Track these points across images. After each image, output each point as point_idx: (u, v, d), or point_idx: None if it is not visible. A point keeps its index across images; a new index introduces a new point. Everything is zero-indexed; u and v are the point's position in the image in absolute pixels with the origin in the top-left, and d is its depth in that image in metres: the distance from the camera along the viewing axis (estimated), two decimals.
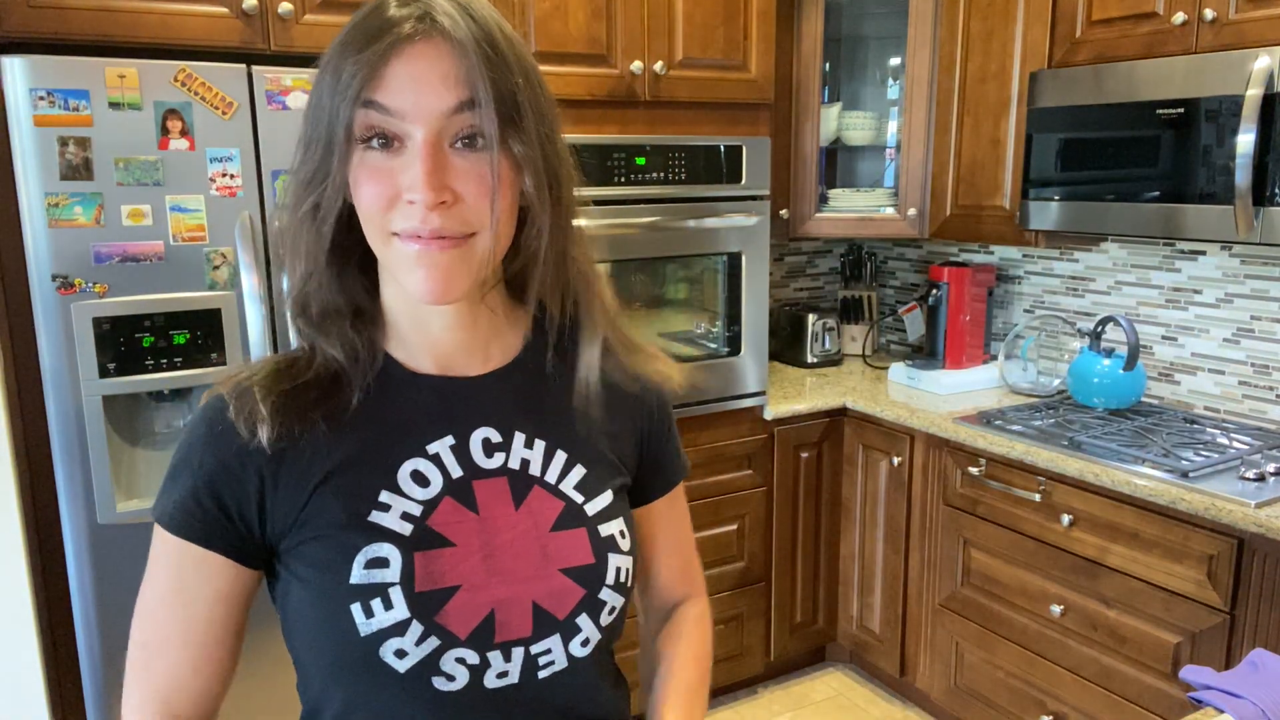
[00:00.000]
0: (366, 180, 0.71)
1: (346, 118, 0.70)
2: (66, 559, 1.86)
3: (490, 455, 0.81)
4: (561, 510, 0.82)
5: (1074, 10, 2.39)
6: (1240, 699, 1.16)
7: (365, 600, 0.73)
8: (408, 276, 0.73)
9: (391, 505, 0.77)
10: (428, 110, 0.69)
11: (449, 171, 0.71)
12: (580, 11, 2.29)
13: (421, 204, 0.70)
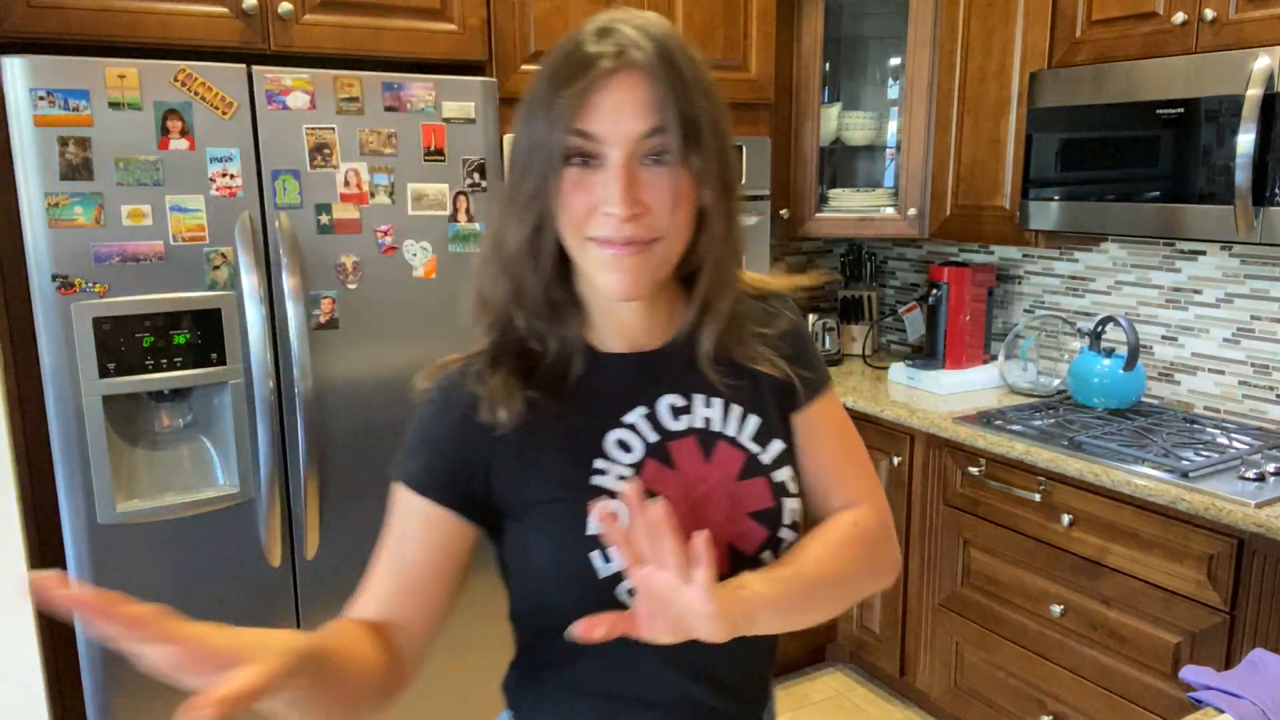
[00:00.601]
0: (570, 193, 0.83)
1: (560, 144, 0.81)
2: (66, 559, 1.86)
3: (677, 418, 0.93)
4: (744, 461, 0.93)
5: (1074, 10, 2.39)
6: (1240, 699, 1.16)
7: (603, 549, 0.85)
8: (601, 276, 0.85)
9: (607, 470, 0.89)
10: (624, 134, 0.80)
11: (640, 186, 0.81)
12: (580, 11, 2.29)
13: (617, 217, 0.81)
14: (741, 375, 0.95)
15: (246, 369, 1.92)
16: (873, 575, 0.99)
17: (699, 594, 0.74)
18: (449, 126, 2.08)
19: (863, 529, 0.98)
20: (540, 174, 0.82)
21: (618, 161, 0.80)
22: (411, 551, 0.88)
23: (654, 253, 0.84)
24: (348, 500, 2.08)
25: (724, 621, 0.76)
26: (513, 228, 0.86)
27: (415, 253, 2.08)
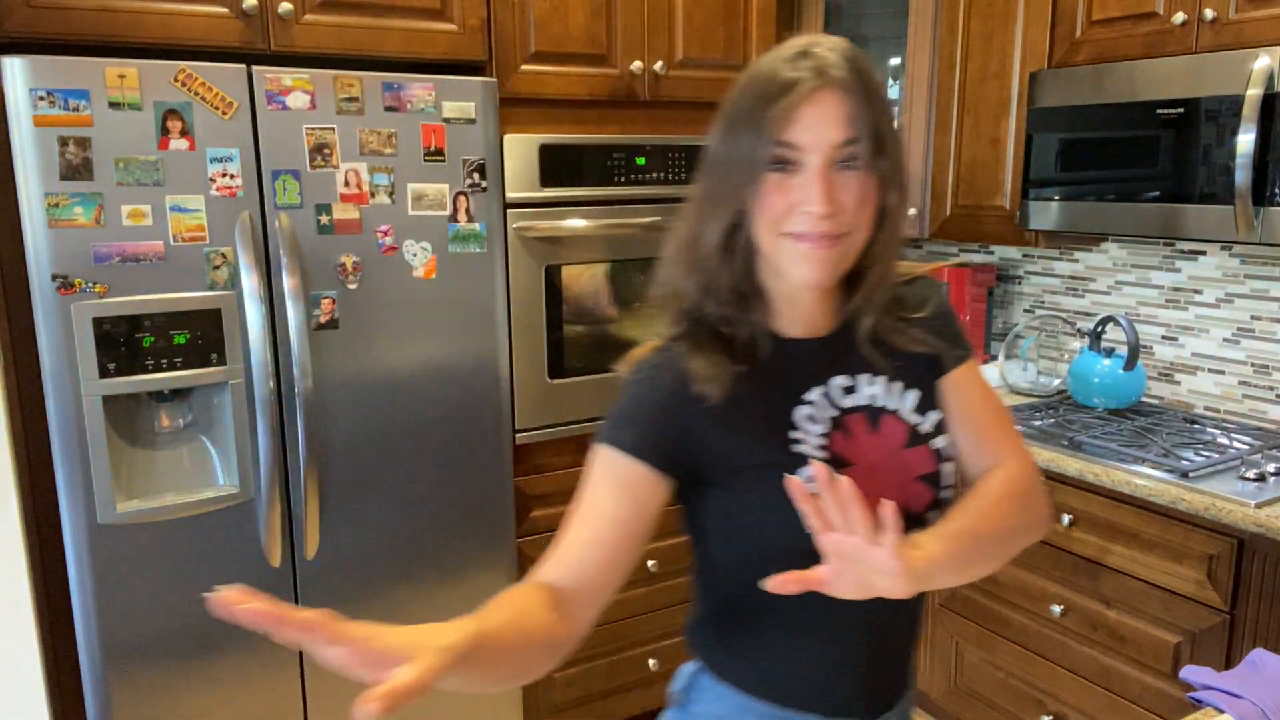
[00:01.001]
0: (770, 194, 0.94)
1: (766, 154, 0.93)
2: (66, 559, 1.86)
3: (848, 395, 1.04)
4: (907, 432, 1.05)
5: (1074, 10, 2.39)
6: (1240, 699, 1.16)
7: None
8: (795, 268, 0.96)
9: (802, 439, 1.00)
10: (824, 144, 0.92)
11: (834, 188, 0.92)
12: (580, 11, 2.29)
13: (815, 214, 0.92)
14: (899, 354, 1.07)
15: (246, 369, 1.92)
16: (1028, 527, 1.07)
17: (888, 555, 0.83)
18: (449, 126, 2.08)
19: (1015, 483, 1.07)
20: (741, 179, 0.95)
21: (817, 167, 0.92)
22: (612, 509, 0.96)
23: (842, 247, 0.95)
24: (348, 500, 2.08)
25: (908, 579, 0.84)
26: (710, 227, 0.98)
27: (415, 253, 2.08)
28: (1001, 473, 1.08)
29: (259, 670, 2.05)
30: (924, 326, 1.09)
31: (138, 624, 1.91)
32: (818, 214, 0.92)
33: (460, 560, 2.25)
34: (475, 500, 2.24)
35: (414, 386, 2.12)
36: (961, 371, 1.10)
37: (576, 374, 2.43)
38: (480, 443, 2.23)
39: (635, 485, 0.97)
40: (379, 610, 2.16)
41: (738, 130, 0.96)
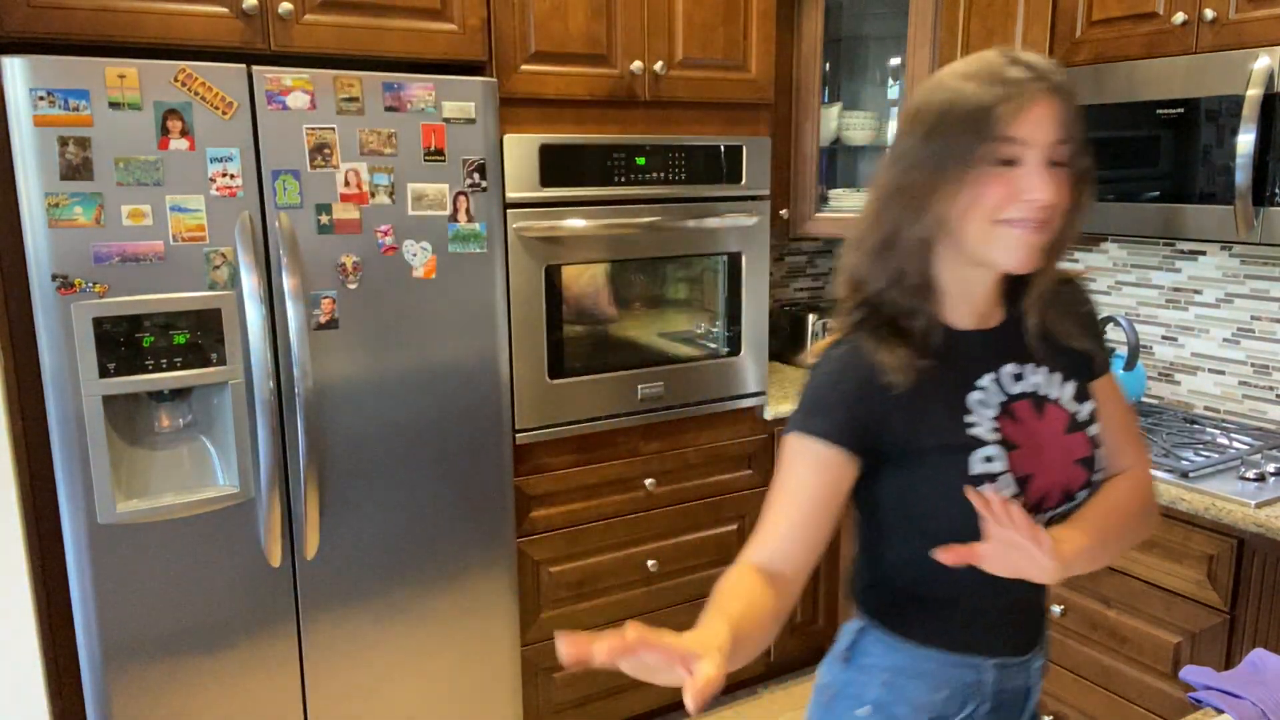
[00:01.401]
0: (990, 186, 1.02)
1: (990, 150, 1.00)
2: (66, 559, 1.86)
3: (1015, 382, 1.14)
4: (1067, 419, 1.15)
5: (1074, 10, 2.39)
6: (1240, 699, 1.16)
7: (980, 485, 1.07)
8: (1006, 253, 1.04)
9: (977, 423, 1.10)
10: (1043, 142, 1.01)
11: (1051, 181, 1.02)
12: (580, 11, 2.29)
13: (1036, 203, 1.01)
14: (1058, 348, 1.17)
15: (246, 369, 1.92)
16: (1146, 526, 1.21)
17: (1046, 550, 0.98)
18: (449, 126, 2.08)
19: (1142, 486, 1.21)
20: (957, 174, 1.02)
21: (1038, 160, 1.01)
22: (812, 493, 1.07)
23: (1047, 235, 1.04)
24: (348, 500, 2.08)
25: (1059, 569, 1.00)
26: (911, 221, 1.06)
27: (415, 253, 2.08)
28: (1131, 476, 1.22)
29: (259, 670, 2.05)
30: (1080, 325, 1.20)
31: (138, 624, 1.91)
32: (1041, 203, 1.01)
33: (460, 560, 2.25)
34: (475, 500, 2.24)
35: (414, 386, 2.12)
36: (1107, 377, 1.23)
37: (576, 374, 2.43)
38: (480, 443, 2.23)
39: (832, 469, 1.07)
40: (379, 610, 2.16)
41: (952, 129, 1.02)
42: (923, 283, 1.10)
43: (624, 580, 2.60)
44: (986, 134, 1.00)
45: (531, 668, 2.50)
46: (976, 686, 1.17)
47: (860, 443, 1.08)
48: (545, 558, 2.47)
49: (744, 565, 1.06)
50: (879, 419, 1.08)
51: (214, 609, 1.98)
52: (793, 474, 1.09)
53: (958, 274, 1.11)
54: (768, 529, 1.09)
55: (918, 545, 1.11)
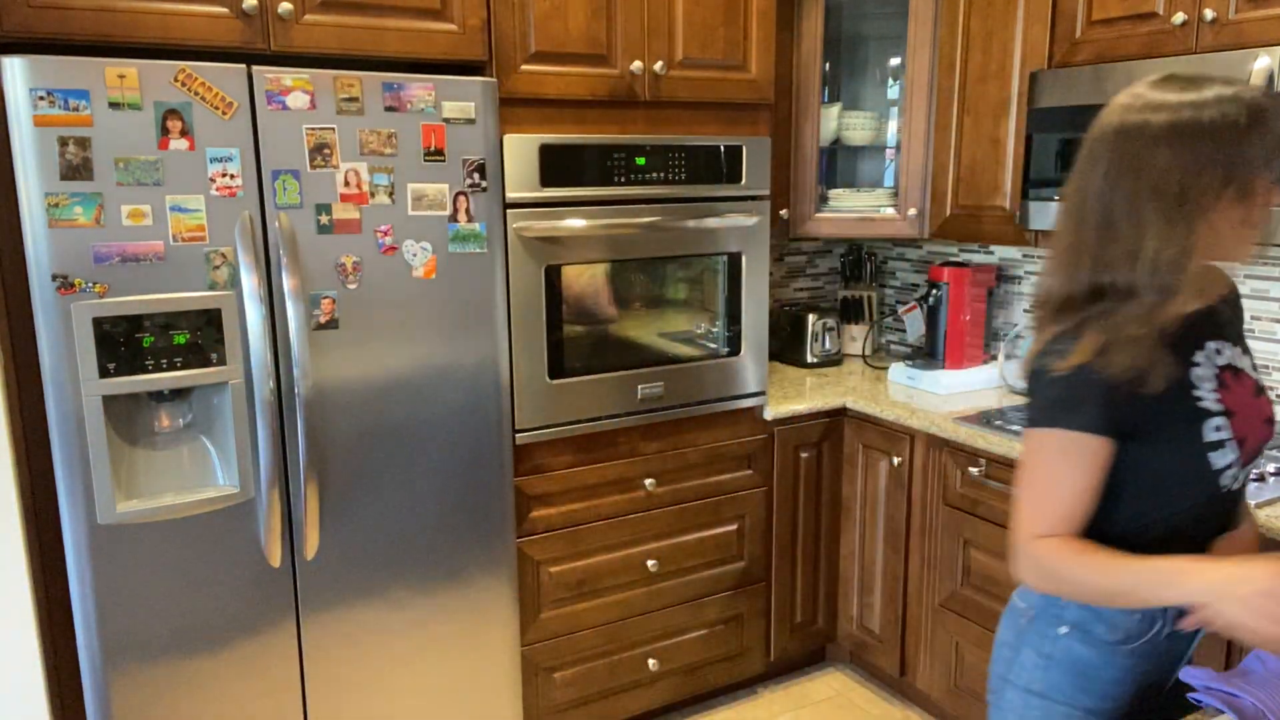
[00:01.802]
0: (1262, 195, 1.19)
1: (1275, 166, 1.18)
2: (66, 559, 1.86)
3: (1218, 355, 1.30)
4: (1254, 385, 1.34)
5: (1074, 10, 2.39)
6: (1240, 699, 1.16)
7: (1215, 450, 1.26)
8: (1245, 250, 1.24)
9: (1202, 396, 1.26)
10: None
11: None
12: (580, 11, 2.29)
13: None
14: (1236, 327, 1.37)
15: (246, 369, 1.92)
16: None
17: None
18: (449, 126, 2.08)
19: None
20: (1237, 187, 1.17)
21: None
22: (1086, 480, 1.23)
23: None
24: (348, 500, 2.08)
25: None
26: (1179, 231, 1.18)
27: (415, 253, 2.08)
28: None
29: (259, 670, 2.06)
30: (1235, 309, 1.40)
31: (138, 624, 1.91)
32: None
33: (460, 560, 2.25)
34: (475, 500, 2.25)
35: (414, 386, 2.12)
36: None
37: (576, 374, 2.43)
38: (480, 443, 2.23)
39: (1100, 456, 1.23)
40: (379, 610, 2.16)
41: (1238, 144, 1.16)
42: (1175, 279, 1.20)
43: (624, 580, 2.60)
44: (1270, 153, 1.17)
45: (531, 668, 2.50)
46: (1161, 611, 1.32)
47: (1117, 428, 1.22)
48: (545, 558, 2.47)
49: (1072, 539, 1.24)
50: (1128, 406, 1.21)
51: (214, 609, 1.98)
52: (1068, 465, 1.24)
53: (1197, 269, 1.23)
54: (1066, 512, 1.24)
55: (1148, 505, 1.28)
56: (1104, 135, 1.22)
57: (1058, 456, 1.24)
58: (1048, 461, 1.25)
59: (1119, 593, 1.22)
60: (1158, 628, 1.32)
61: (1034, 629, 1.38)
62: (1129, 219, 1.19)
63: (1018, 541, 1.28)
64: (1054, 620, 1.36)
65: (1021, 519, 1.28)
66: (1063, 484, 1.24)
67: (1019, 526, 1.28)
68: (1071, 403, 1.22)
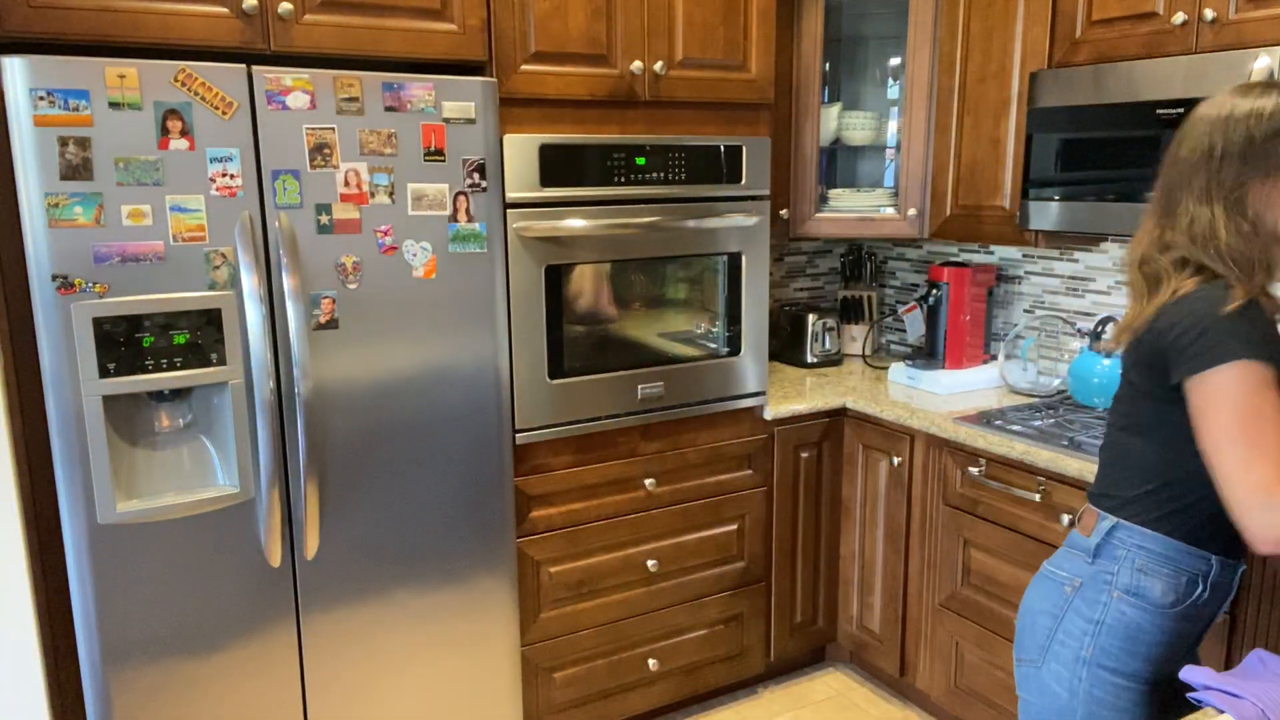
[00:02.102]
0: None
1: None
2: (66, 559, 1.86)
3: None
4: None
5: (1074, 10, 2.39)
6: (1240, 699, 1.16)
7: None
8: None
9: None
10: None
11: None
12: (580, 11, 2.29)
13: None
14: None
15: (246, 369, 1.92)
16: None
17: None
18: (449, 126, 2.08)
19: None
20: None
21: None
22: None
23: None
24: (348, 500, 2.08)
25: None
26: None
27: (415, 253, 2.08)
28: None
29: (259, 670, 2.06)
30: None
31: (138, 624, 1.91)
32: None
33: (460, 560, 2.25)
34: (475, 500, 2.25)
35: (414, 386, 2.12)
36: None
37: (576, 374, 2.43)
38: (480, 443, 2.23)
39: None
40: (379, 610, 2.16)
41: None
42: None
43: (624, 580, 2.60)
44: None
45: (531, 668, 2.50)
46: (1204, 575, 1.42)
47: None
48: (545, 558, 2.47)
49: None
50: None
51: (214, 609, 1.98)
52: (1270, 397, 1.28)
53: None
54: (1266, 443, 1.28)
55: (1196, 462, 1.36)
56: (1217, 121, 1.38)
57: (1260, 390, 1.28)
58: (1246, 399, 1.28)
59: None
60: (1199, 591, 1.43)
61: (1081, 596, 1.47)
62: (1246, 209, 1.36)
63: (1259, 500, 1.27)
64: (1104, 586, 1.45)
65: (1250, 473, 1.28)
66: (1275, 417, 1.27)
67: (1249, 483, 1.28)
68: (1252, 336, 1.29)
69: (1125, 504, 1.49)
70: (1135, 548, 1.46)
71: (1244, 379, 1.28)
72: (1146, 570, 1.44)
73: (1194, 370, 1.32)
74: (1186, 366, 1.33)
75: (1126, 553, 1.46)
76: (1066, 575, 1.51)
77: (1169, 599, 1.42)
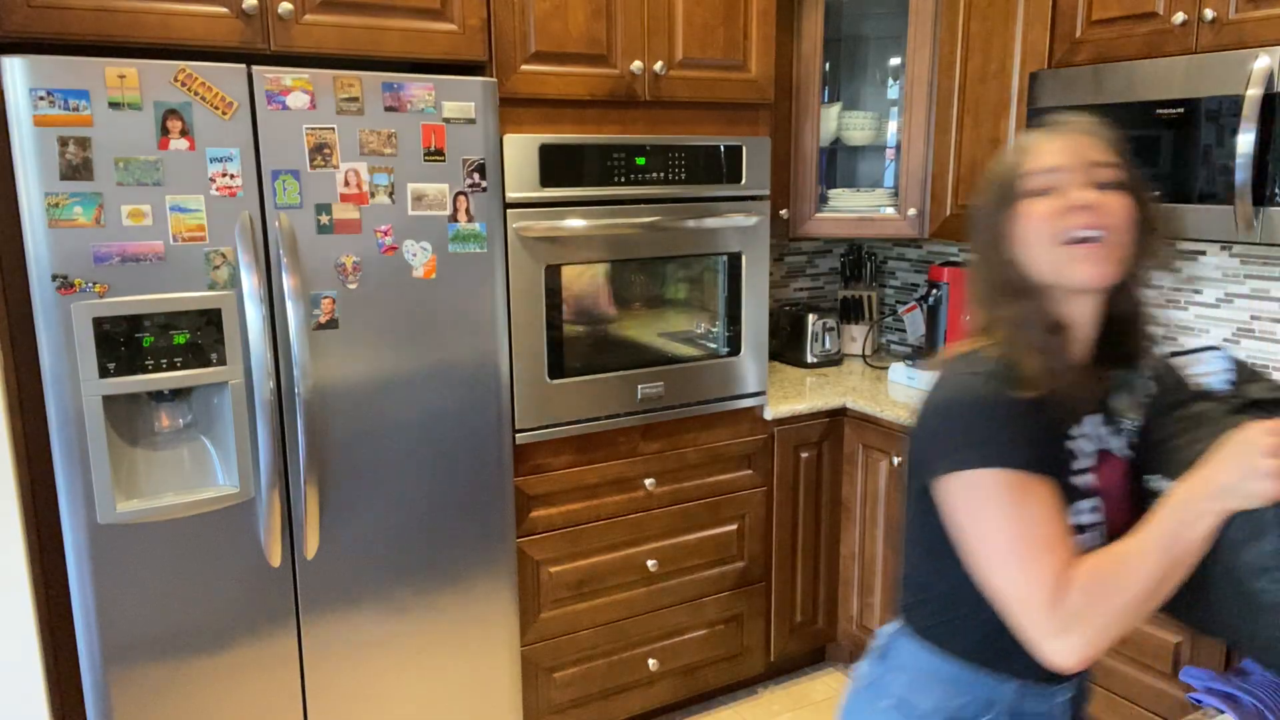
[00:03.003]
0: (1036, 209, 1.14)
1: (1025, 185, 1.15)
2: (66, 559, 1.86)
3: (1103, 427, 1.19)
4: (1125, 466, 1.21)
5: (1074, 10, 2.39)
6: (1240, 699, 1.16)
7: (1082, 534, 1.12)
8: (1075, 268, 1.11)
9: (1079, 469, 1.14)
10: (1076, 165, 1.16)
11: (1095, 195, 1.14)
12: (580, 11, 2.29)
13: (1077, 204, 1.12)
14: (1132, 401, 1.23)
15: (246, 369, 1.92)
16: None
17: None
18: (449, 126, 2.08)
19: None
20: (1009, 213, 1.16)
21: (1077, 181, 1.13)
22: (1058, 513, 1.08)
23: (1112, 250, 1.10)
24: (348, 500, 2.08)
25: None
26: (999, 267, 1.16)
27: (415, 253, 2.08)
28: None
29: (259, 670, 2.05)
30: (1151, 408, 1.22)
31: (138, 624, 1.91)
32: (1080, 203, 1.08)
33: (460, 560, 2.25)
34: (475, 500, 2.24)
35: (414, 386, 2.12)
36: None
37: (576, 374, 2.43)
38: (480, 443, 2.23)
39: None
40: (379, 610, 2.16)
41: (1000, 180, 1.17)
42: (1049, 323, 1.13)
43: (624, 580, 2.60)
44: (1022, 170, 1.13)
45: (531, 668, 2.49)
46: (990, 703, 1.19)
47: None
48: (545, 558, 2.47)
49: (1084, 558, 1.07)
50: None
51: (214, 609, 1.98)
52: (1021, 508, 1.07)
53: (1067, 310, 1.14)
54: (1068, 547, 1.06)
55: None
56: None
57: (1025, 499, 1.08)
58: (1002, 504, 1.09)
59: (1168, 559, 1.01)
60: (989, 718, 1.19)
61: (862, 698, 1.29)
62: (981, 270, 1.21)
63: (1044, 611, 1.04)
64: (881, 693, 1.26)
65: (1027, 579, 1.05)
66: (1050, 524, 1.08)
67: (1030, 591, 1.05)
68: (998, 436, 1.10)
69: (909, 606, 1.28)
70: (912, 658, 1.24)
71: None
72: (917, 685, 1.22)
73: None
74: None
75: (904, 662, 1.25)
76: (860, 673, 1.32)
77: (940, 718, 1.20)
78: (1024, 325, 1.12)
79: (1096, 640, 1.03)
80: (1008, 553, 1.05)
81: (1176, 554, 1.01)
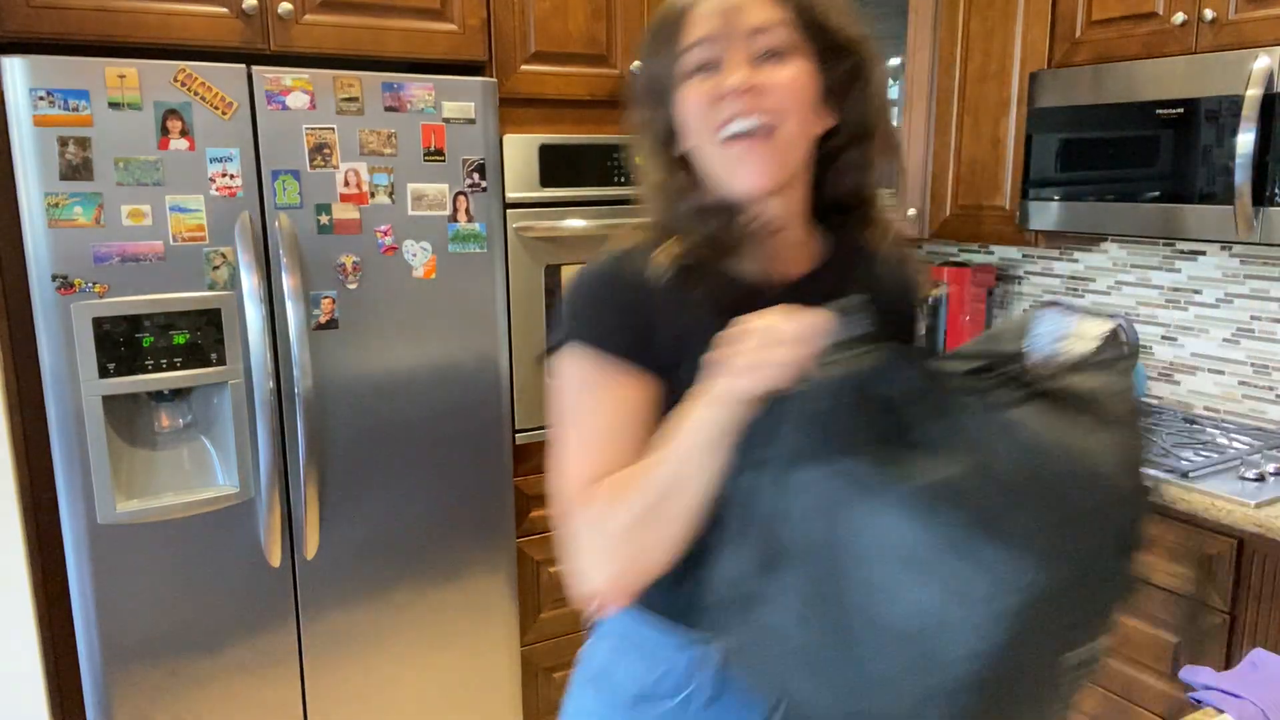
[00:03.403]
0: (691, 95, 0.92)
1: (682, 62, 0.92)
2: (66, 559, 1.86)
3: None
4: None
5: (1074, 10, 2.39)
6: (1240, 699, 1.16)
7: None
8: (735, 171, 0.93)
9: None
10: (738, 32, 0.90)
11: (754, 72, 0.90)
12: (580, 11, 2.29)
13: (730, 89, 0.90)
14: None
15: (246, 369, 1.92)
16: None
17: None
18: (449, 126, 2.08)
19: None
20: (668, 98, 0.94)
21: (738, 55, 0.88)
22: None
23: (778, 139, 0.88)
24: (348, 500, 2.08)
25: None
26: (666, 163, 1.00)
27: (415, 253, 2.08)
28: None
29: (258, 670, 2.05)
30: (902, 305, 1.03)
31: (138, 624, 1.91)
32: (733, 88, 0.85)
33: (460, 560, 2.25)
34: (475, 500, 2.24)
35: (414, 386, 2.12)
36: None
37: None
38: (480, 442, 2.23)
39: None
40: (379, 610, 2.16)
41: (652, 53, 0.93)
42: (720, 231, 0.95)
43: None
44: (677, 43, 0.89)
45: (531, 668, 2.49)
46: (690, 676, 0.97)
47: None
48: (545, 558, 2.47)
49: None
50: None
51: (214, 609, 1.98)
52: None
53: (761, 215, 0.93)
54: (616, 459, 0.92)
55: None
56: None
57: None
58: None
59: (669, 471, 0.84)
60: (685, 694, 0.97)
61: (573, 676, 1.09)
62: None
63: (565, 518, 0.92)
64: (585, 665, 1.06)
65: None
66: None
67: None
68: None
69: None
70: (614, 619, 1.03)
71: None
72: (616, 653, 1.02)
73: None
74: None
75: (609, 626, 1.04)
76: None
77: (630, 691, 0.99)
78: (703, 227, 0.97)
79: (604, 565, 0.87)
80: (563, 440, 0.91)
81: (679, 467, 0.84)
